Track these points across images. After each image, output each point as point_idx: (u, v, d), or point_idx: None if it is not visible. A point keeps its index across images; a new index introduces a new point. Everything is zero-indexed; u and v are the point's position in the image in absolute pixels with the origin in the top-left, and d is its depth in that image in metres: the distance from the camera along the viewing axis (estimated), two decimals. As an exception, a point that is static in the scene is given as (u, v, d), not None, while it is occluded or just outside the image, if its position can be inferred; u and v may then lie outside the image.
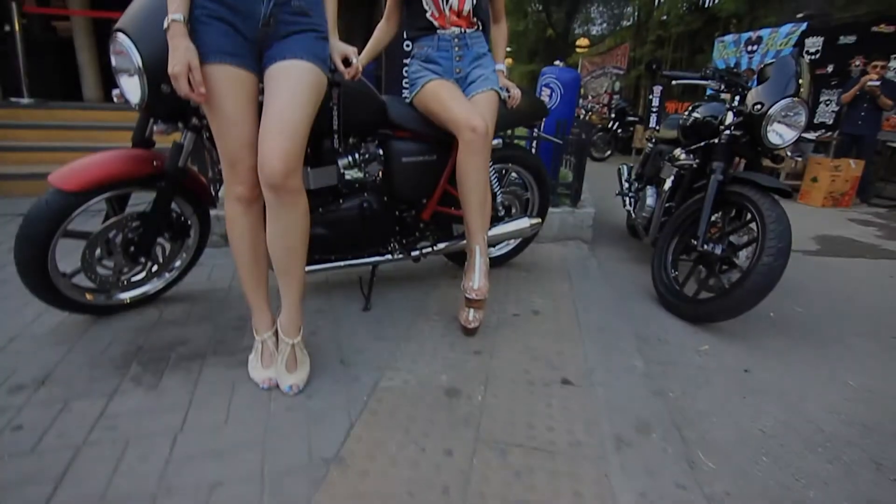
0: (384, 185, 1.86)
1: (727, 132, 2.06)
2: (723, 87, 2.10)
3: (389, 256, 1.95)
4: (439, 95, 1.69)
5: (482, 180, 1.66)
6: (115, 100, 1.47)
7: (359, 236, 1.86)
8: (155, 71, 1.26)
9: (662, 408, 1.44)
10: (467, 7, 1.72)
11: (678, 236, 2.23)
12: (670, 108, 10.66)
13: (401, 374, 1.49)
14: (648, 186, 2.68)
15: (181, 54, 1.09)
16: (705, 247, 2.01)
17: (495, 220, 2.12)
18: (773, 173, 4.93)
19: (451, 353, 1.63)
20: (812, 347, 1.95)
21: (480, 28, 1.81)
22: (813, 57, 6.89)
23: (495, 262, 2.42)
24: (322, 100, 1.28)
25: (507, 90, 1.87)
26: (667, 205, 2.47)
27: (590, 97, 12.20)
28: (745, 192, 1.94)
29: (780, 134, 2.00)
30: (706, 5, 9.79)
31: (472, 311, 1.74)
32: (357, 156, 1.77)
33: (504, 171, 2.23)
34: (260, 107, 1.23)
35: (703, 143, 2.24)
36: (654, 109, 2.76)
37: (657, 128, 2.61)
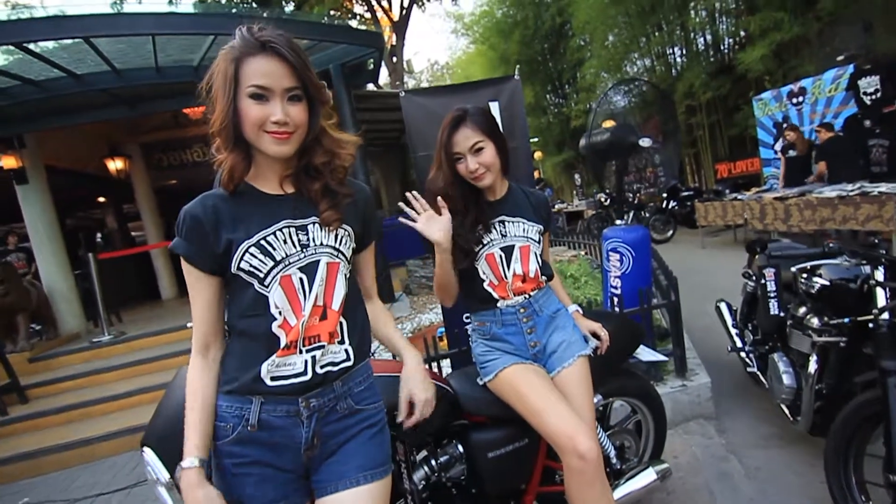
0: (472, 485, 1.52)
1: (885, 317, 1.60)
2: (860, 261, 1.68)
3: (497, 563, 1.55)
4: (522, 394, 1.36)
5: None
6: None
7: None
8: None
9: None
10: (533, 267, 1.45)
11: (854, 451, 1.69)
12: (722, 171, 10.16)
13: None
14: (778, 356, 2.17)
15: None
16: (911, 479, 1.48)
17: (613, 475, 1.70)
18: None
19: None
20: None
21: (546, 282, 1.54)
22: (872, 97, 6.33)
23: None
24: None
25: (596, 335, 1.55)
26: (816, 387, 1.95)
27: (631, 175, 11.89)
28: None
29: (963, 310, 1.52)
30: (730, 63, 9.57)
31: None
32: (434, 463, 1.47)
33: (606, 407, 1.85)
34: None
35: (846, 320, 1.77)
36: (773, 294, 2.31)
37: (780, 313, 2.19)
